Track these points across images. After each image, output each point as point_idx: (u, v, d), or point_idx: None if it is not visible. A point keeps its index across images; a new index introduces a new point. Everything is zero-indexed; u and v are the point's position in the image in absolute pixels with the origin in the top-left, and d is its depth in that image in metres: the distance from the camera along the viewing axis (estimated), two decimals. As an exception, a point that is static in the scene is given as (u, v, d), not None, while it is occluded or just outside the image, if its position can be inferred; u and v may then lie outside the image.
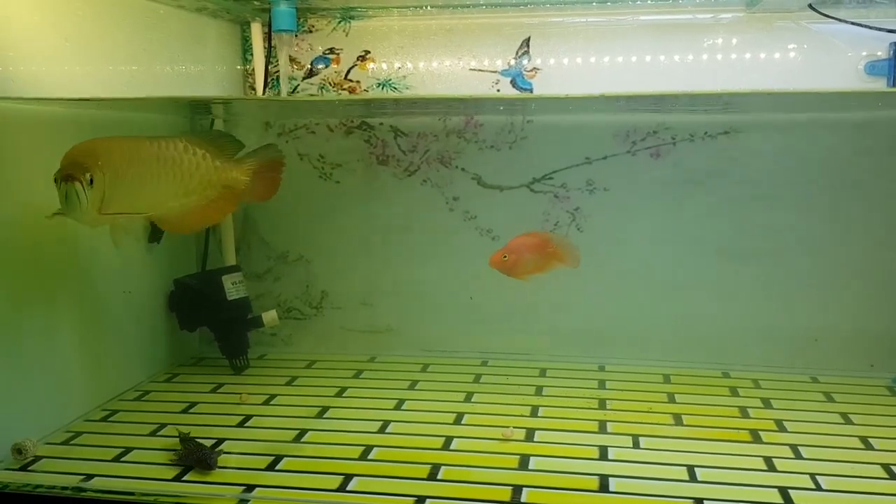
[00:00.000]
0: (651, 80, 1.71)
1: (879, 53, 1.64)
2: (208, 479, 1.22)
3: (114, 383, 1.62)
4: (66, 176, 1.15)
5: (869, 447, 1.34)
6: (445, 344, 1.88)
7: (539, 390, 1.64)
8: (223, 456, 1.29)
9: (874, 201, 1.69)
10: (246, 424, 1.46)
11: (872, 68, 1.65)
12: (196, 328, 1.81)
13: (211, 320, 1.77)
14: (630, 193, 1.76)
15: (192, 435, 1.35)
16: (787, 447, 1.33)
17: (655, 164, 1.75)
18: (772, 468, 1.26)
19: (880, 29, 1.62)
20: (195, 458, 1.26)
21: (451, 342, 1.88)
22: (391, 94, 1.81)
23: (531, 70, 1.77)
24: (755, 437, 1.38)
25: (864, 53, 1.64)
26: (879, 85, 1.63)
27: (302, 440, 1.38)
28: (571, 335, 1.83)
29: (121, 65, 1.54)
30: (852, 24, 1.62)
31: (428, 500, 1.15)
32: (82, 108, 1.47)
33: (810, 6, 1.61)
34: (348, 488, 1.19)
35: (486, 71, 1.79)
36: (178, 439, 1.34)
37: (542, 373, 1.75)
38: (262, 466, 1.27)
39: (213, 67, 1.83)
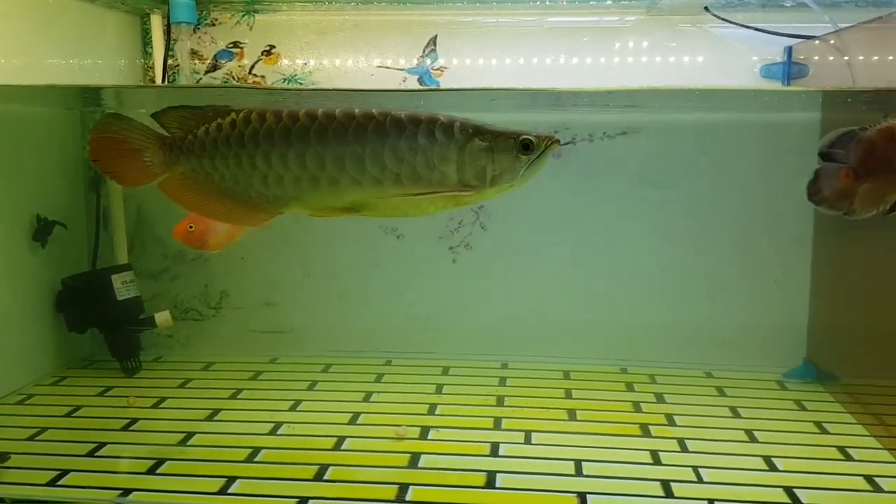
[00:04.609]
0: (558, 81, 1.72)
1: (777, 58, 1.68)
2: (84, 483, 1.17)
3: (-7, 387, 1.54)
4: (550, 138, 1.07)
5: (753, 440, 1.37)
6: (350, 344, 1.85)
7: (440, 389, 1.63)
8: (104, 460, 1.24)
9: (764, 200, 1.73)
10: (131, 428, 1.41)
11: (767, 71, 1.69)
12: (85, 329, 1.74)
13: (100, 321, 1.71)
14: (531, 193, 1.76)
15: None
16: (674, 440, 1.36)
17: (556, 164, 1.76)
18: (657, 461, 1.27)
19: (775, 33, 1.66)
20: None
21: (355, 342, 1.85)
22: (292, 87, 1.78)
23: (438, 69, 1.77)
24: (644, 432, 1.40)
25: (768, 57, 1.68)
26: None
27: (187, 443, 1.34)
28: (475, 334, 1.83)
29: (6, 57, 1.47)
30: (748, 28, 1.66)
31: (311, 501, 1.12)
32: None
33: (706, 9, 1.65)
34: (230, 491, 1.16)
35: (394, 69, 1.78)
36: None
37: (445, 371, 1.74)
38: (142, 470, 1.23)
39: (112, 61, 1.77)
